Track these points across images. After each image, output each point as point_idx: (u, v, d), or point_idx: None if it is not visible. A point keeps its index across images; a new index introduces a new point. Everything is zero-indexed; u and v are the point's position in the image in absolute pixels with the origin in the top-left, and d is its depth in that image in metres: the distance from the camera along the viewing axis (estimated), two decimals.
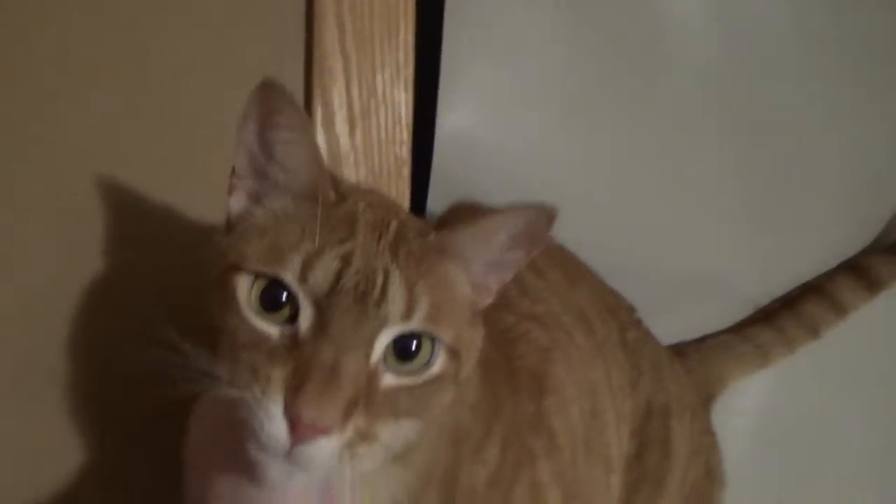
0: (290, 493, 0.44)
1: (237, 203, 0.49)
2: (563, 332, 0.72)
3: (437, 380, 0.45)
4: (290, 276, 0.43)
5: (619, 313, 0.83)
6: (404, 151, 0.84)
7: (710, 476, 0.85)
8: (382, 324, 0.43)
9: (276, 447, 0.41)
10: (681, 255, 0.99)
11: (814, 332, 0.98)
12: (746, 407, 0.99)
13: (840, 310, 0.98)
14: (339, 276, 0.43)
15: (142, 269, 0.67)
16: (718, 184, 1.01)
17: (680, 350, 0.94)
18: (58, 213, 0.65)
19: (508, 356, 0.62)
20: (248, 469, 0.43)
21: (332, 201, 0.47)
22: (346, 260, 0.44)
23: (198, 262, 0.50)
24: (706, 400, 0.92)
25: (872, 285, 0.99)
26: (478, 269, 0.49)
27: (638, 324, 0.85)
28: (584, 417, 0.69)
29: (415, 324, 0.44)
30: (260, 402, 0.41)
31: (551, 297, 0.73)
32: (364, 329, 0.43)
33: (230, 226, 0.49)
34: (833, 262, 1.03)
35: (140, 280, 0.66)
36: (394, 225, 0.47)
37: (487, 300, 0.50)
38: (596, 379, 0.72)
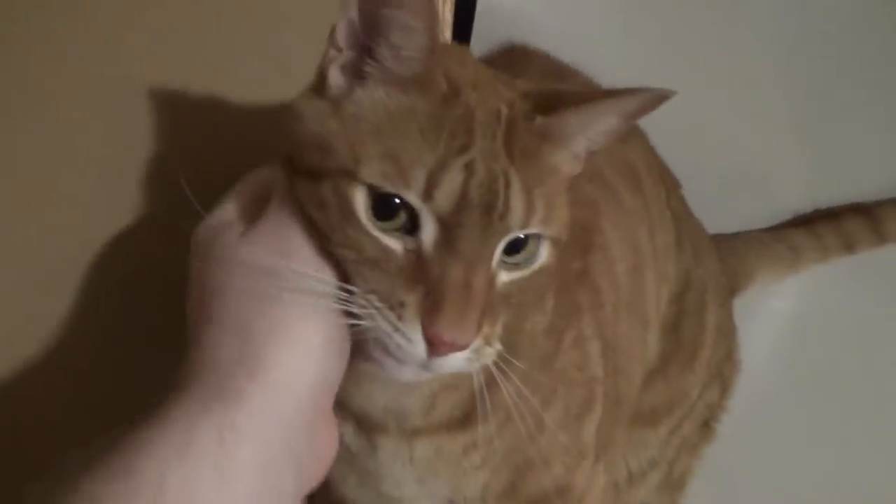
0: None
1: (336, 78, 0.45)
2: (608, 189, 0.69)
3: (543, 269, 0.46)
4: (414, 196, 0.41)
5: (666, 180, 0.81)
6: (446, 11, 0.78)
7: (730, 359, 0.84)
8: (506, 234, 0.43)
9: (412, 362, 0.42)
10: (728, 153, 0.96)
11: (849, 248, 0.96)
12: (777, 309, 0.98)
13: (881, 236, 0.96)
14: (463, 191, 0.41)
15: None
16: (775, 86, 0.96)
17: (713, 241, 0.91)
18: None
19: None
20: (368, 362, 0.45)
21: (446, 94, 0.43)
22: (469, 169, 0.41)
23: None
24: (731, 291, 0.90)
25: None
26: (581, 147, 0.48)
27: (681, 198, 0.83)
28: (628, 275, 0.68)
29: (531, 228, 0.44)
30: (397, 326, 0.41)
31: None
32: (490, 242, 0.42)
33: (327, 95, 0.45)
34: (882, 194, 0.99)
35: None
36: (504, 113, 0.44)
37: (578, 169, 0.49)
38: (640, 237, 0.71)
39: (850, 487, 0.97)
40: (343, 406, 0.51)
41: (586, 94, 0.46)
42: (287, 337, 0.42)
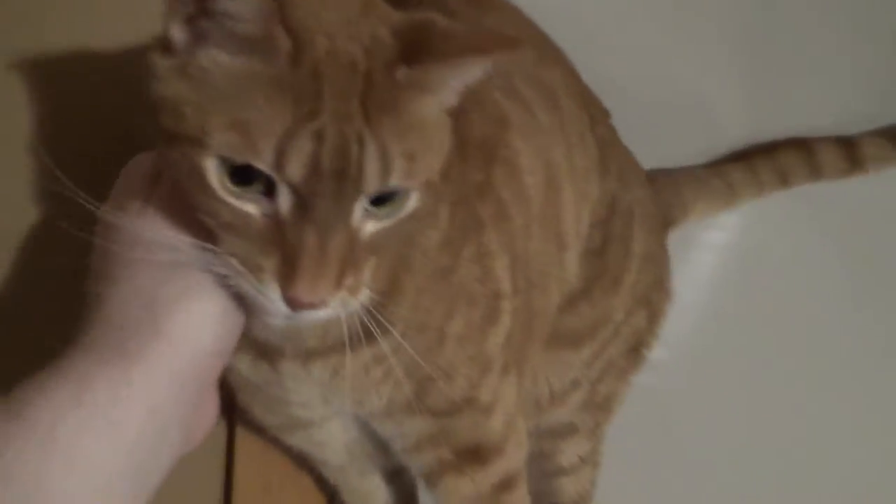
0: None
1: (177, 34, 0.43)
2: (522, 104, 0.68)
3: (415, 213, 0.46)
4: (263, 166, 0.40)
5: (591, 108, 0.80)
6: None
7: (660, 285, 0.85)
8: (361, 196, 0.43)
9: (276, 315, 0.44)
10: (666, 85, 0.96)
11: (784, 182, 0.97)
12: (717, 240, 0.99)
13: (815, 172, 0.97)
14: (314, 159, 0.40)
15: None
16: (716, 19, 0.96)
17: (648, 175, 0.92)
18: None
19: (458, 123, 0.56)
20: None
21: (290, 53, 0.41)
22: (319, 137, 0.40)
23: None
24: (665, 223, 0.91)
25: (855, 162, 0.96)
26: (448, 94, 0.47)
27: (609, 126, 0.83)
28: (540, 191, 0.67)
29: (391, 184, 0.43)
30: (257, 288, 0.43)
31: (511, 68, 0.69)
32: (344, 205, 0.42)
33: (171, 49, 0.43)
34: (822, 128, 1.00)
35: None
36: (361, 65, 0.42)
37: (455, 102, 0.48)
38: (555, 155, 0.70)
39: (784, 417, 0.99)
40: (243, 337, 0.52)
41: (454, 40, 0.44)
42: (188, 303, 0.45)
